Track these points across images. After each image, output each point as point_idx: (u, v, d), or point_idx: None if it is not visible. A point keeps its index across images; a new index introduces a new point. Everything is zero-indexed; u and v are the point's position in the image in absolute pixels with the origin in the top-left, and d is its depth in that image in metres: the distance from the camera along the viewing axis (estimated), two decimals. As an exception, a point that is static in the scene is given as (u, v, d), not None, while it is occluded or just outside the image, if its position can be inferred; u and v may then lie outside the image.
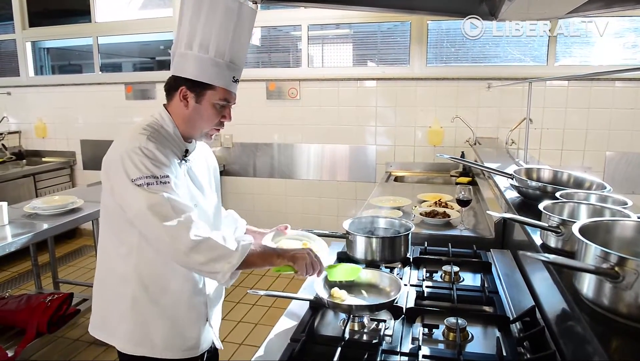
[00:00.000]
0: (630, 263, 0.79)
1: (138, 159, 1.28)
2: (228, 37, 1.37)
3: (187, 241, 1.25)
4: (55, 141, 5.36)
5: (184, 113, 1.41)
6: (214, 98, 1.40)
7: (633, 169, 3.92)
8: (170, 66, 1.43)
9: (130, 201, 1.28)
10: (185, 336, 1.49)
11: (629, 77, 3.75)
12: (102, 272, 1.49)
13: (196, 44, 1.36)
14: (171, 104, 1.44)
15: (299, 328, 1.33)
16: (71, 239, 5.19)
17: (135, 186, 1.26)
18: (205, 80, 1.37)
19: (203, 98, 1.40)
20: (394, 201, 2.78)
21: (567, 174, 1.79)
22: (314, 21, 4.40)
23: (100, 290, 1.50)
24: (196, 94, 1.39)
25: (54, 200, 2.93)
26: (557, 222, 1.19)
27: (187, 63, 1.37)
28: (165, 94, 1.46)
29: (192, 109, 1.40)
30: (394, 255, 1.68)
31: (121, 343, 1.45)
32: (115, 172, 1.30)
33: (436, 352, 1.22)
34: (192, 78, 1.37)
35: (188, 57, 1.37)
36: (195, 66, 1.36)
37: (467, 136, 4.05)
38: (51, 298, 2.83)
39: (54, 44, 5.60)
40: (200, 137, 1.48)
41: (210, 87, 1.39)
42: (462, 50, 4.20)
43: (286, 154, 4.65)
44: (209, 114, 1.42)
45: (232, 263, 1.30)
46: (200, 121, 1.43)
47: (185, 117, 1.42)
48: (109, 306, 1.47)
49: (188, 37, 1.37)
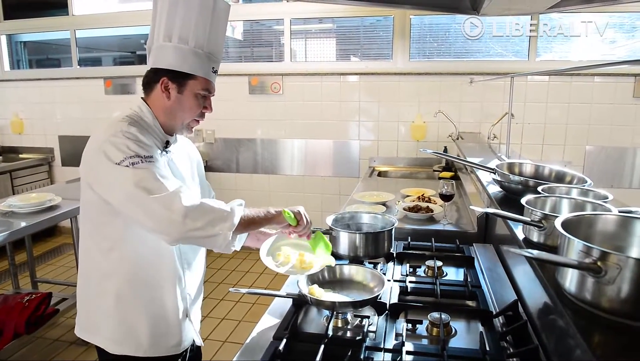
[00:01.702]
0: (612, 258, 0.79)
1: (120, 142, 1.25)
2: (206, 30, 1.38)
3: (181, 207, 1.21)
4: (32, 137, 5.24)
5: (165, 105, 1.40)
6: (196, 88, 1.39)
7: (612, 163, 3.99)
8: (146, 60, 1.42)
9: (116, 186, 1.24)
10: (169, 333, 1.47)
11: (608, 72, 3.80)
12: (85, 270, 1.46)
13: (175, 36, 1.36)
14: (151, 97, 1.42)
15: (281, 326, 1.32)
16: (50, 238, 5.09)
17: (120, 168, 1.22)
18: (187, 70, 1.37)
19: (185, 88, 1.39)
20: (377, 196, 2.77)
21: (549, 168, 1.80)
22: (297, 15, 4.36)
23: (84, 288, 1.47)
24: (178, 84, 1.38)
25: (31, 198, 2.86)
26: (540, 216, 1.19)
27: (168, 54, 1.36)
28: (143, 88, 1.44)
29: (174, 100, 1.39)
30: (377, 251, 1.68)
31: (106, 342, 1.43)
32: (97, 161, 1.26)
33: (420, 348, 1.22)
34: (174, 69, 1.37)
35: (168, 49, 1.37)
36: (176, 56, 1.36)
37: (450, 131, 4.07)
38: (29, 298, 2.77)
39: (31, 37, 5.46)
40: (181, 129, 1.46)
41: (192, 77, 1.38)
42: (445, 46, 4.21)
43: (269, 150, 4.62)
44: (191, 105, 1.41)
45: (232, 221, 1.28)
46: (182, 112, 1.42)
47: (166, 109, 1.41)
48: (92, 304, 1.44)
49: (166, 29, 1.37)
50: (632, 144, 3.93)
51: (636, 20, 3.75)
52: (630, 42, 3.80)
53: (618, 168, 3.99)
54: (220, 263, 4.41)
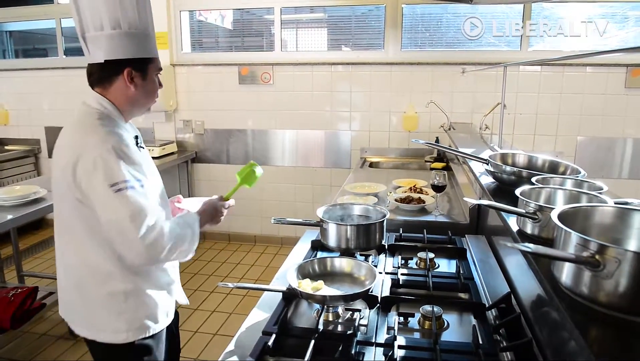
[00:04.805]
0: (611, 251, 0.77)
1: (114, 161, 1.24)
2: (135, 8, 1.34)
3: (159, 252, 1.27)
4: (18, 129, 5.12)
5: (128, 95, 1.37)
6: (154, 70, 1.41)
7: (603, 154, 3.99)
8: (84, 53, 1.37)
9: (109, 209, 1.23)
10: (170, 303, 1.51)
11: (599, 62, 3.79)
12: (79, 268, 1.39)
13: (122, 22, 1.31)
14: (110, 90, 1.37)
15: (271, 321, 1.29)
16: (36, 230, 5.01)
17: (114, 193, 1.22)
18: (147, 55, 1.37)
19: (147, 74, 1.39)
20: (368, 187, 2.75)
21: (542, 159, 1.78)
22: (287, 4, 4.29)
23: (84, 289, 1.39)
24: (142, 71, 1.37)
25: (15, 190, 2.80)
26: (535, 208, 1.17)
27: (123, 43, 1.32)
28: (97, 83, 1.38)
29: (140, 88, 1.38)
30: (369, 243, 1.65)
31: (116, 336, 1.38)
32: (90, 177, 1.24)
33: (412, 342, 1.20)
34: (135, 56, 1.35)
35: (121, 37, 1.32)
36: (132, 43, 1.33)
37: (442, 121, 4.04)
38: (14, 292, 2.73)
39: (16, 26, 5.33)
40: (141, 113, 1.48)
41: (151, 60, 1.39)
42: (437, 35, 4.17)
43: (260, 140, 4.57)
44: (153, 88, 1.42)
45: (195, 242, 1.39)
46: (145, 98, 1.42)
47: (131, 99, 1.38)
48: (97, 304, 1.39)
49: (109, 16, 1.30)
50: (623, 134, 3.93)
51: (628, 10, 3.73)
52: (621, 33, 3.78)
53: (608, 159, 4.00)
54: (210, 255, 4.37)
